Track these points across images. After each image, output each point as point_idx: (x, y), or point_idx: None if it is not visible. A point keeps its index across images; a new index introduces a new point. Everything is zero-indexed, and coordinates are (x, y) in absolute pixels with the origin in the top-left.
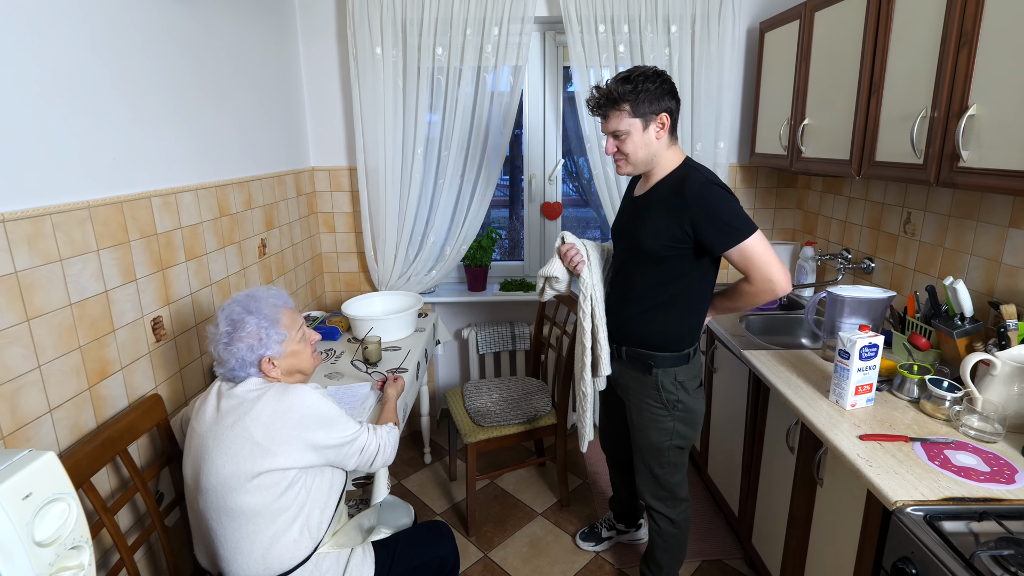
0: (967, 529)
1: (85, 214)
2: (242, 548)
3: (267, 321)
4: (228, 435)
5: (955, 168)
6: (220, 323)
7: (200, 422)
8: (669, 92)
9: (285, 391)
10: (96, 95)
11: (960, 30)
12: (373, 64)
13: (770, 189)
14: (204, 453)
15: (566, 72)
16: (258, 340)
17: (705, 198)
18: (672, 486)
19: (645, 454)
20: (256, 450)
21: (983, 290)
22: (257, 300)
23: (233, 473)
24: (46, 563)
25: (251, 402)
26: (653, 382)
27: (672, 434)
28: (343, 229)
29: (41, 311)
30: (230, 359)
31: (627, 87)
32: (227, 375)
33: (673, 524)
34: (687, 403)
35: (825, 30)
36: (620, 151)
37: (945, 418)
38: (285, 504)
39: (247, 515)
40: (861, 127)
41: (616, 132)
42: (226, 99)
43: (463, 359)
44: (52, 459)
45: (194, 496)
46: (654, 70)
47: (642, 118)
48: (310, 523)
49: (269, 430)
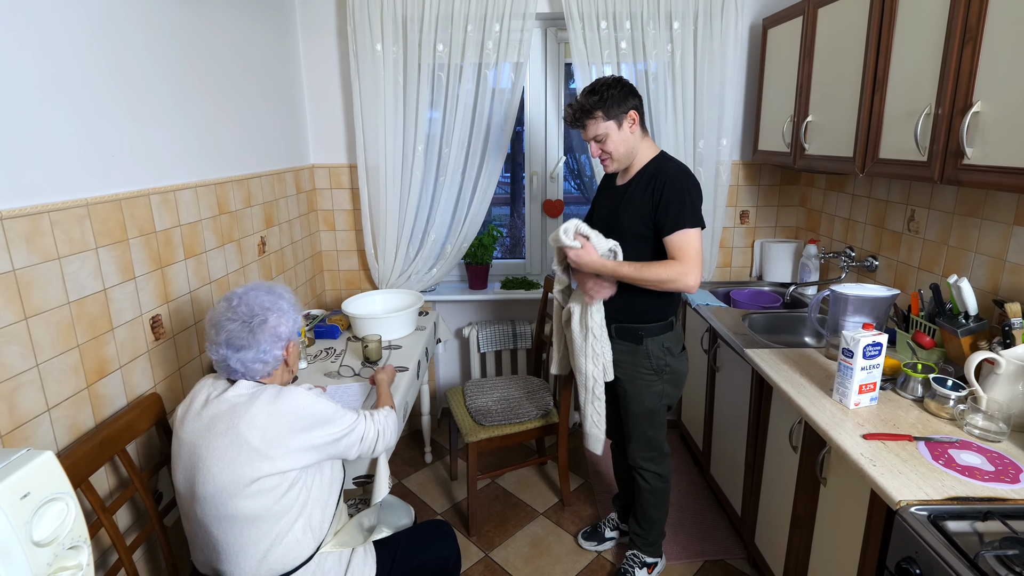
0: (971, 529)
1: (83, 212)
2: (246, 552)
3: (294, 309)
4: (222, 441)
5: (959, 165)
6: (251, 304)
7: (187, 430)
8: (631, 92)
9: (279, 394)
10: (95, 91)
11: (964, 26)
12: (373, 61)
13: (773, 187)
14: (197, 461)
15: (568, 69)
16: (292, 321)
17: (675, 182)
18: (660, 443)
19: (639, 419)
20: (253, 455)
21: (987, 288)
22: (273, 287)
23: (231, 479)
24: (44, 563)
25: (243, 406)
26: (644, 351)
27: (662, 395)
28: (343, 227)
29: (39, 309)
30: (265, 339)
31: (594, 98)
32: (249, 363)
33: (661, 479)
34: (674, 366)
35: (828, 26)
36: (604, 151)
37: (949, 417)
38: (286, 505)
39: (248, 520)
40: (865, 124)
41: (596, 137)
42: (226, 96)
43: (464, 358)
44: (50, 458)
45: (190, 505)
46: (613, 77)
47: (615, 119)
48: (312, 522)
49: (265, 434)
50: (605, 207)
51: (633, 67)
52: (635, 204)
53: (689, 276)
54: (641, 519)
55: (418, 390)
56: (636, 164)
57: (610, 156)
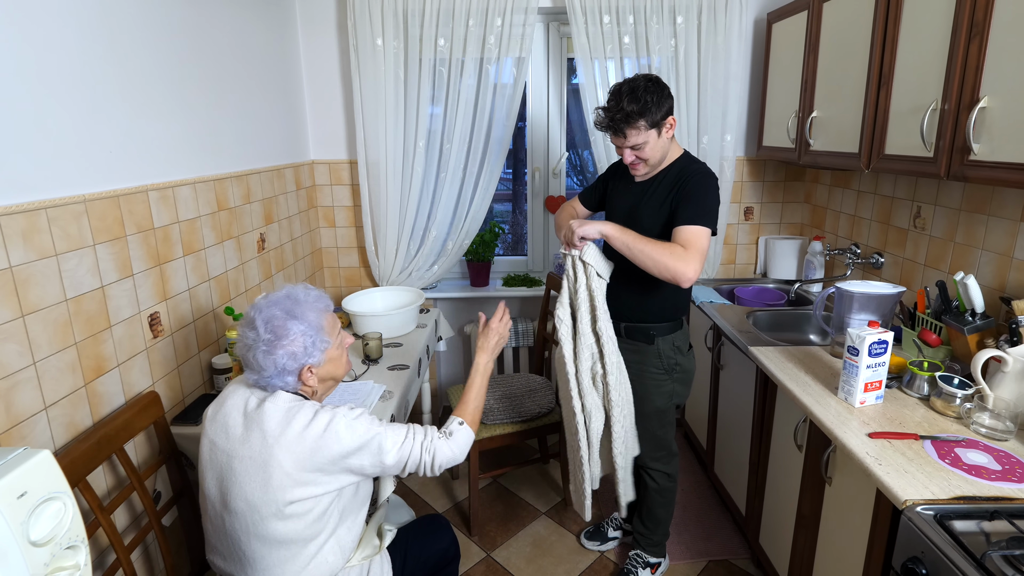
0: (978, 529)
1: (81, 208)
2: (272, 571)
3: (312, 329)
4: (256, 461)
5: (966, 161)
6: (259, 327)
7: (221, 436)
8: (667, 93)
9: (316, 416)
10: (93, 86)
11: (971, 21)
12: (374, 55)
13: (777, 183)
14: (230, 474)
15: (570, 64)
16: (302, 348)
17: (699, 183)
18: (668, 443)
19: (649, 419)
20: (286, 480)
21: (994, 285)
22: (299, 304)
23: (263, 501)
24: (41, 563)
25: (280, 425)
26: (655, 351)
27: (672, 395)
28: (343, 223)
29: (36, 307)
30: (268, 367)
31: (637, 105)
32: (260, 382)
33: (669, 478)
34: (683, 364)
35: (834, 21)
36: (639, 158)
37: (956, 416)
38: (319, 528)
39: (280, 542)
40: (870, 120)
41: (635, 146)
42: (225, 91)
43: (465, 355)
44: (47, 457)
45: (219, 512)
46: (648, 78)
47: (656, 127)
48: (341, 541)
49: (299, 459)
50: (625, 201)
51: (636, 62)
52: (657, 203)
53: (689, 265)
54: (647, 519)
55: (419, 388)
56: (662, 162)
57: (644, 162)
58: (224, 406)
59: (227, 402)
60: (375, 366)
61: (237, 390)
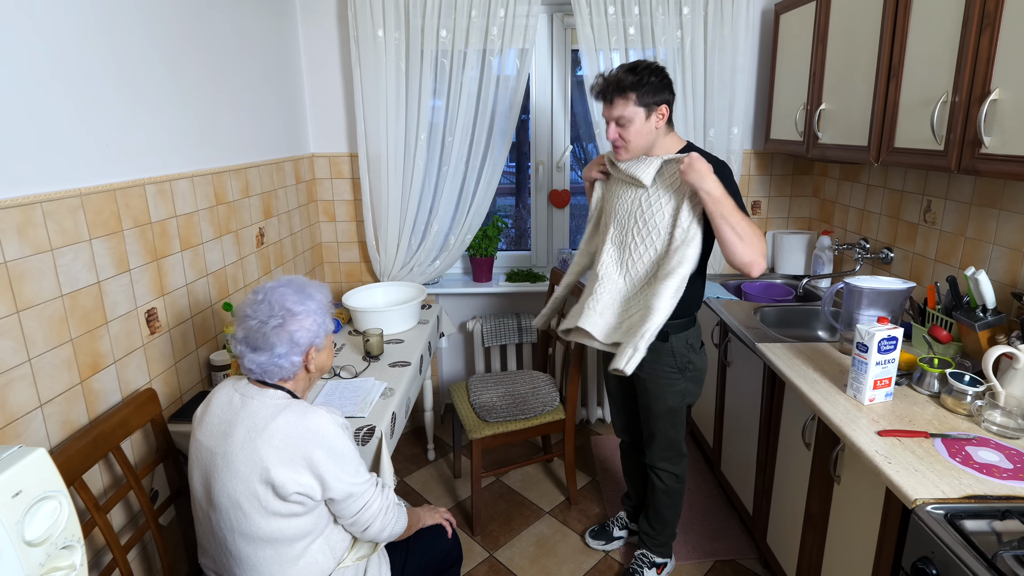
0: (989, 528)
1: (77, 202)
2: (260, 570)
3: (322, 308)
4: (239, 456)
5: (977, 154)
6: (273, 303)
7: (206, 434)
8: (668, 87)
9: (304, 415)
10: (89, 78)
11: (982, 12)
12: (375, 47)
13: (785, 176)
14: (213, 471)
15: (574, 55)
16: (315, 325)
17: (719, 170)
18: (678, 443)
19: (662, 420)
20: (265, 474)
21: (1006, 281)
22: (307, 286)
23: (245, 496)
24: (36, 563)
25: (265, 419)
26: (669, 349)
27: (685, 394)
28: (344, 218)
29: (31, 302)
30: (282, 342)
31: (634, 77)
32: (265, 365)
33: (677, 479)
34: (696, 362)
35: (843, 12)
36: (622, 138)
37: (967, 413)
38: (305, 527)
39: (265, 541)
40: (880, 112)
41: (620, 118)
42: (223, 83)
43: (468, 352)
44: (42, 455)
45: (206, 511)
46: (657, 65)
47: (645, 108)
48: (331, 541)
49: (281, 454)
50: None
51: (642, 53)
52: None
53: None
54: (653, 519)
55: (420, 385)
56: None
57: (626, 145)
58: (210, 406)
59: (212, 402)
60: (376, 363)
61: (222, 389)
